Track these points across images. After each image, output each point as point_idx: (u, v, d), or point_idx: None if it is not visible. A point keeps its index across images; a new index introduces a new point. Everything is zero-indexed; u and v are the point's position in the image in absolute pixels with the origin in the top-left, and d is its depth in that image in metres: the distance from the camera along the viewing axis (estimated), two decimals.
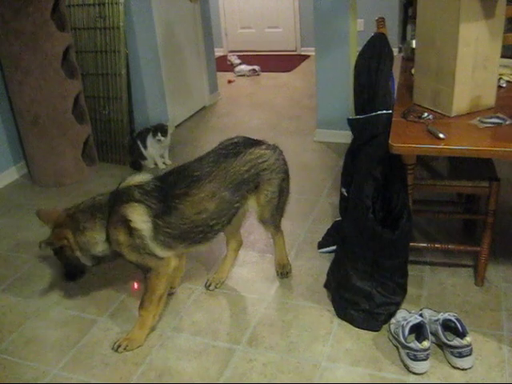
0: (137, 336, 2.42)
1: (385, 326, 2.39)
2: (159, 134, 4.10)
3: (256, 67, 7.23)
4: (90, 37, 4.33)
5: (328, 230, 3.09)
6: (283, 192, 2.63)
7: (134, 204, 2.31)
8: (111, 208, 2.36)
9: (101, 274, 2.95)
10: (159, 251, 2.36)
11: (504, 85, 2.65)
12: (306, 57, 7.85)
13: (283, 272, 2.82)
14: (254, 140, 2.61)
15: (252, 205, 2.57)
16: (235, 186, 2.44)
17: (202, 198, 2.37)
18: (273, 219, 2.67)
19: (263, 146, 2.56)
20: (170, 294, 2.70)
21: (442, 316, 2.21)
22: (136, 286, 2.84)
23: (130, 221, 2.28)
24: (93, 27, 4.31)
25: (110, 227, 2.35)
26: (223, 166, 2.43)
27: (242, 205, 2.52)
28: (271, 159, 2.54)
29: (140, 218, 2.29)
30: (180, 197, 2.36)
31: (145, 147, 4.20)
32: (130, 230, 2.29)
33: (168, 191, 2.38)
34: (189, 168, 2.46)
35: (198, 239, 2.44)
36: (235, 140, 2.58)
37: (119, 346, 2.39)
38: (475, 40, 2.22)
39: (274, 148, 2.60)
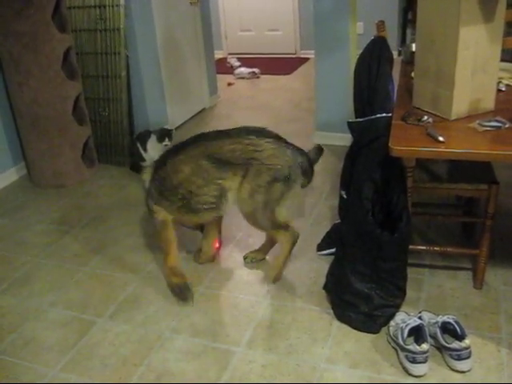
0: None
1: (384, 329, 2.39)
2: (166, 140, 4.06)
3: (256, 70, 7.24)
4: (91, 39, 4.34)
5: (327, 232, 3.09)
6: (272, 194, 2.55)
7: None
8: None
9: (100, 275, 2.96)
10: (150, 201, 2.74)
11: (503, 88, 2.66)
12: (306, 59, 7.87)
13: (269, 275, 2.80)
14: (263, 131, 2.63)
15: (235, 192, 2.62)
16: (216, 161, 2.55)
17: (180, 159, 2.62)
18: (255, 221, 2.64)
19: (266, 139, 2.56)
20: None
21: (440, 319, 2.22)
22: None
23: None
24: (93, 29, 4.31)
25: None
26: (212, 141, 2.59)
27: (229, 187, 2.59)
28: (266, 152, 2.53)
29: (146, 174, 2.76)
30: (169, 155, 2.67)
31: (145, 149, 4.19)
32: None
33: (168, 150, 2.74)
34: (194, 136, 2.69)
35: (182, 205, 2.66)
36: (248, 126, 2.66)
37: None
38: (475, 43, 2.22)
39: (282, 147, 2.57)
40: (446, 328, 2.21)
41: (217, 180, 2.58)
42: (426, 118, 2.35)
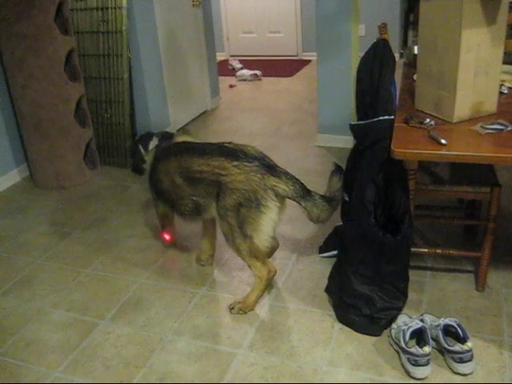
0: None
1: (385, 331, 2.39)
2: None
3: (257, 72, 7.25)
4: (93, 40, 4.35)
5: (329, 234, 3.09)
6: (242, 219, 2.47)
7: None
8: None
9: (102, 277, 2.96)
10: (154, 193, 2.92)
11: (505, 91, 2.66)
12: (308, 62, 7.88)
13: (234, 307, 2.64)
14: (242, 151, 2.53)
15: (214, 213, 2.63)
16: (188, 178, 2.62)
17: (159, 169, 2.79)
18: (232, 243, 2.55)
19: (235, 162, 2.47)
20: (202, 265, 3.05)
21: (442, 321, 2.22)
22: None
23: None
24: (96, 31, 4.32)
25: None
26: (186, 157, 2.64)
27: (204, 203, 2.62)
28: (231, 177, 2.46)
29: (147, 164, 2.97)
30: (160, 160, 2.81)
31: (146, 151, 4.18)
32: None
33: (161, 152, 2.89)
34: (178, 144, 2.83)
35: (170, 204, 2.81)
36: (227, 145, 2.61)
37: None
38: (477, 46, 2.23)
39: (250, 171, 2.44)
40: (448, 330, 2.21)
41: (191, 196, 2.64)
42: (428, 120, 2.35)
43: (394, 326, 2.37)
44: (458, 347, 2.13)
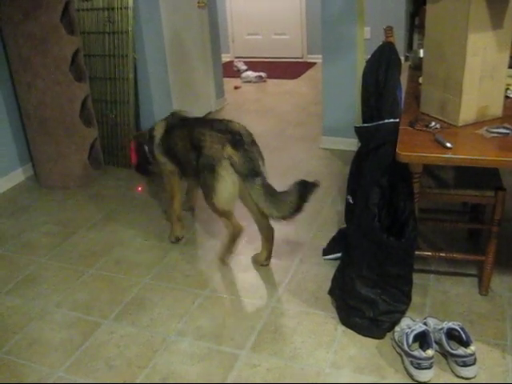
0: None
1: (389, 334, 2.39)
2: None
3: (262, 73, 7.25)
4: (99, 41, 4.36)
5: (333, 236, 3.09)
6: (205, 182, 2.81)
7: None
8: None
9: (106, 277, 2.97)
10: (157, 151, 3.20)
11: (511, 95, 2.66)
12: (313, 64, 7.88)
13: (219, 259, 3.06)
14: (217, 124, 2.91)
15: None
16: (189, 144, 2.94)
17: (176, 135, 3.07)
18: (205, 199, 2.89)
19: (210, 132, 2.83)
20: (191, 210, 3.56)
21: (446, 325, 2.22)
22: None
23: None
24: (101, 31, 4.33)
25: None
26: (194, 127, 2.97)
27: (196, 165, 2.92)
28: (204, 143, 2.80)
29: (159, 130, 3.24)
30: (175, 128, 3.14)
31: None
32: None
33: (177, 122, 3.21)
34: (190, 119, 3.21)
35: (179, 166, 3.13)
36: (220, 119, 3.01)
37: None
38: (483, 50, 2.22)
39: (218, 140, 2.76)
40: (452, 334, 2.20)
41: (193, 160, 2.91)
42: (433, 123, 2.35)
43: (397, 328, 2.37)
44: (461, 351, 2.13)
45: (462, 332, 2.17)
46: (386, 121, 2.46)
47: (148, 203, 3.83)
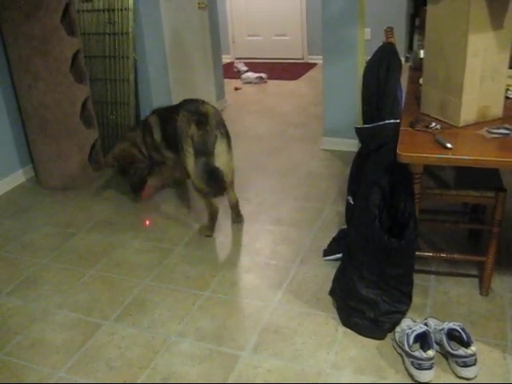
0: None
1: (389, 335, 2.39)
2: None
3: (263, 75, 7.25)
4: (99, 42, 4.37)
5: (334, 237, 3.09)
6: (180, 155, 3.18)
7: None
8: None
9: (106, 278, 2.97)
10: (164, 151, 3.50)
11: None
12: (313, 65, 7.88)
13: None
14: (188, 105, 3.23)
15: None
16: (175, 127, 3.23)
17: (175, 119, 3.21)
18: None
19: (181, 110, 3.19)
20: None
21: (446, 325, 2.22)
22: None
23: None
24: (102, 32, 4.34)
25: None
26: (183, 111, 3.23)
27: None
28: (179, 120, 3.14)
29: (156, 128, 3.50)
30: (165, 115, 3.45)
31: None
32: None
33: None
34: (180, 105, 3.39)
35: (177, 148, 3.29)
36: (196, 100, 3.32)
37: None
38: (484, 50, 2.23)
39: (188, 120, 3.06)
40: (452, 335, 2.20)
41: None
42: (434, 124, 2.35)
43: (397, 329, 2.37)
44: (461, 351, 2.13)
45: (462, 332, 2.17)
46: (387, 121, 2.47)
47: (148, 204, 3.83)
